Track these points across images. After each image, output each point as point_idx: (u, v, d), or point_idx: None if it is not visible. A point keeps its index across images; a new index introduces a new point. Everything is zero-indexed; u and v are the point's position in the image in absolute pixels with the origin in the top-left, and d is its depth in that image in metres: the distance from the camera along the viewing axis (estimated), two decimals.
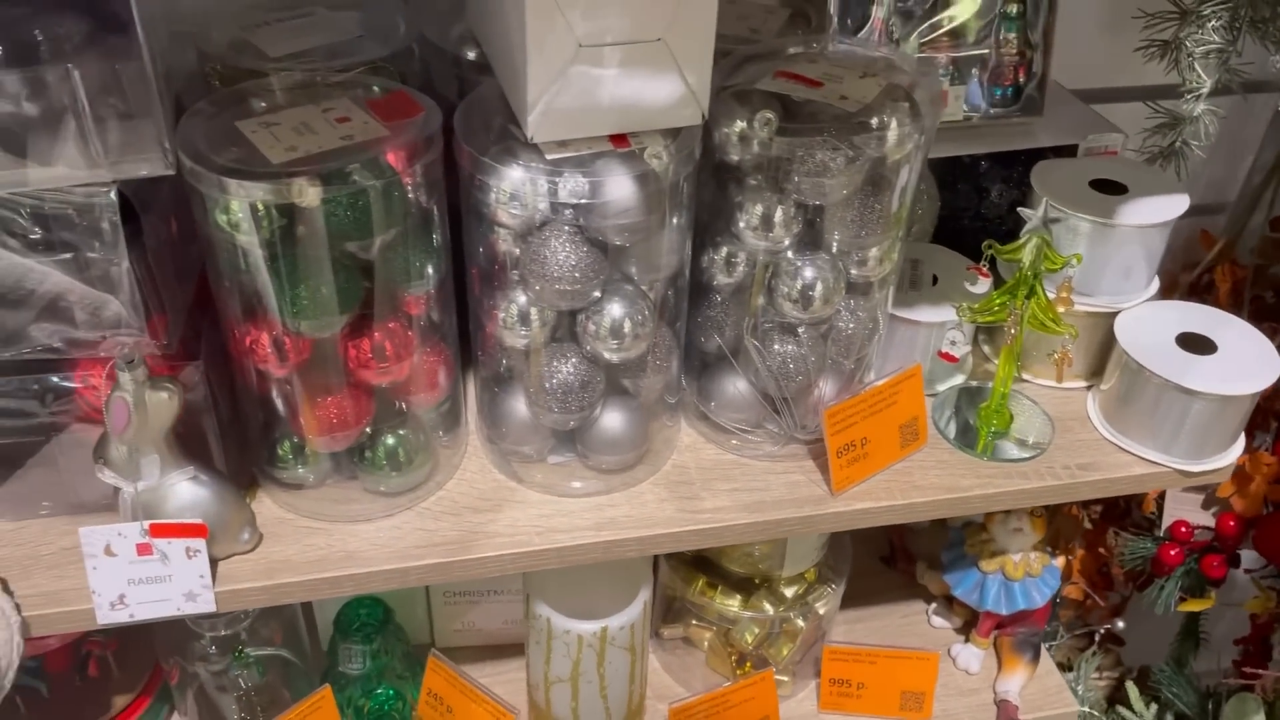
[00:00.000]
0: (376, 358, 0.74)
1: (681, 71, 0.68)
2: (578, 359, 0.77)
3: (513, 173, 0.69)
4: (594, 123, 0.69)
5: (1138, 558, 1.30)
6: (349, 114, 0.71)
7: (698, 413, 0.88)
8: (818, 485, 0.83)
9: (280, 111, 0.71)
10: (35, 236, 0.68)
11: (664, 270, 0.76)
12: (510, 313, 0.76)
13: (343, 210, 0.67)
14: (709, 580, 0.99)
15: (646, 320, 0.76)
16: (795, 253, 0.78)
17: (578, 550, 0.79)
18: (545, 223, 0.71)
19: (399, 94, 0.73)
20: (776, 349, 0.81)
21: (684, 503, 0.82)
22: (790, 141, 0.72)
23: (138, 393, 0.67)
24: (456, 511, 0.80)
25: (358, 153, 0.67)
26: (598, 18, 0.64)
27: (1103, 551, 1.45)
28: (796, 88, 0.74)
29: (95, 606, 0.71)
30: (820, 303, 0.78)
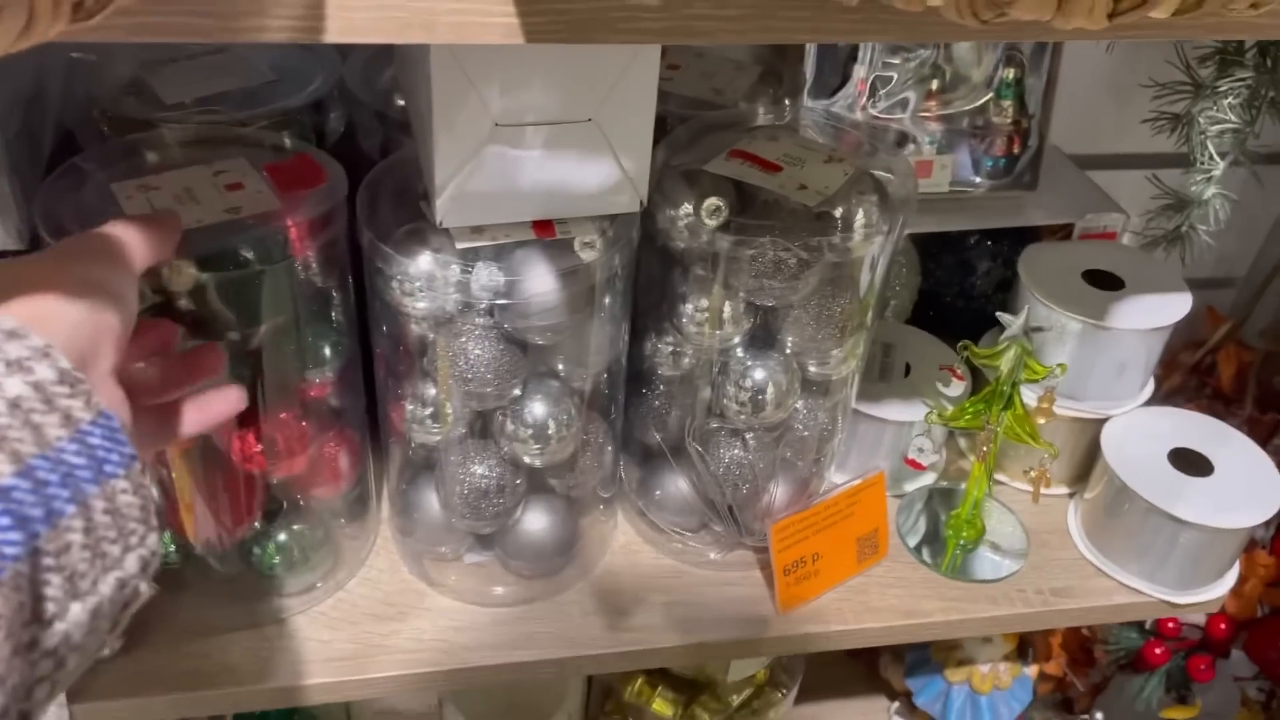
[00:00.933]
0: (266, 452, 0.66)
1: (616, 155, 0.59)
2: (495, 460, 0.68)
3: (419, 261, 0.60)
4: (513, 208, 0.60)
5: (1121, 649, 1.22)
6: (243, 179, 0.62)
7: (637, 509, 0.79)
8: (762, 602, 0.75)
9: (164, 173, 0.62)
10: None
11: (594, 366, 0.68)
12: (418, 407, 0.67)
13: (225, 296, 0.58)
14: (648, 680, 0.91)
15: (573, 420, 0.67)
16: (745, 350, 0.70)
17: (489, 671, 0.70)
18: (457, 314, 0.63)
19: (303, 157, 0.64)
20: (722, 454, 0.72)
21: (612, 618, 0.73)
22: (739, 240, 0.63)
23: None
24: (355, 619, 0.72)
25: (245, 228, 0.59)
26: (515, 95, 0.55)
27: (1085, 632, 1.37)
28: (752, 171, 0.66)
29: None
30: (772, 407, 0.70)
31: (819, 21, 0.45)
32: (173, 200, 0.60)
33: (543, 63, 0.55)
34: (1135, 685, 1.20)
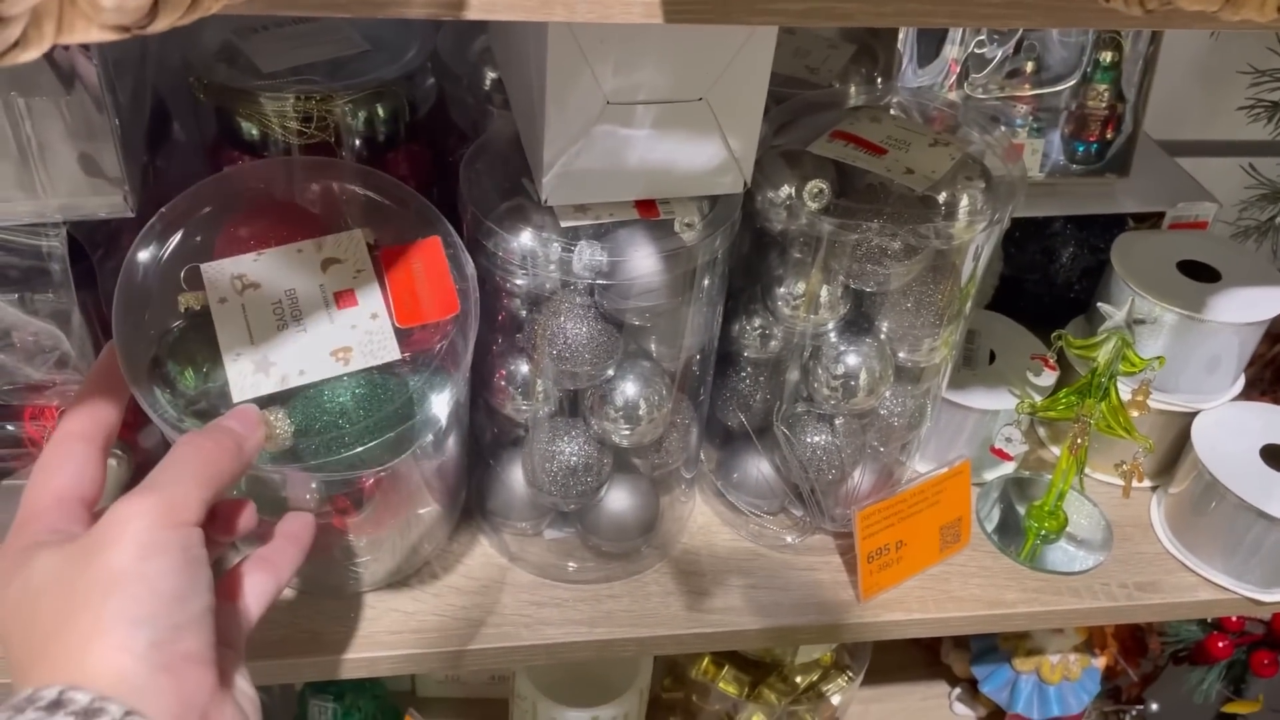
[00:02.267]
0: None
1: (724, 135, 0.58)
2: (584, 439, 0.68)
3: (520, 239, 0.60)
4: (619, 187, 0.59)
5: (1180, 641, 1.20)
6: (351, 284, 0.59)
7: (715, 489, 0.79)
8: (843, 588, 0.75)
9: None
10: None
11: (688, 349, 0.67)
12: (512, 383, 0.67)
13: None
14: (714, 659, 0.91)
15: (664, 402, 0.67)
16: (839, 335, 0.69)
17: (569, 648, 0.70)
18: (555, 293, 0.62)
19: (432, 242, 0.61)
20: (808, 439, 0.72)
21: (692, 599, 0.73)
22: (844, 223, 0.62)
23: None
24: (439, 592, 0.72)
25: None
26: (630, 73, 0.54)
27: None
28: (856, 154, 0.64)
29: None
30: (864, 394, 0.69)
31: (961, 5, 0.43)
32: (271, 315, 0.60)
33: (658, 41, 0.54)
34: (1194, 677, 1.19)
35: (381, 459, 0.55)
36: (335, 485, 0.61)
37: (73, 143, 0.55)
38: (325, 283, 0.57)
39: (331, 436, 0.54)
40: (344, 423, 0.54)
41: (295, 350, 0.55)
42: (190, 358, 0.54)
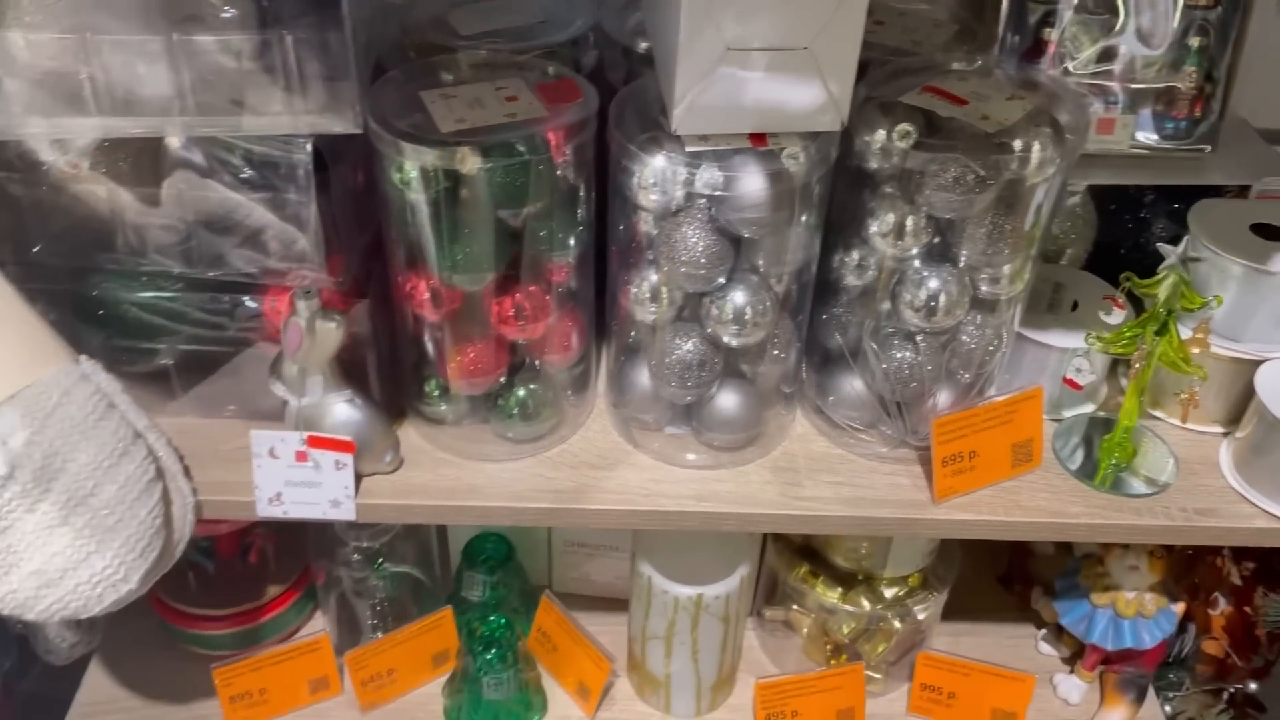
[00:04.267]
0: (516, 315, 0.82)
1: (824, 79, 0.71)
2: (699, 339, 0.82)
3: (655, 160, 0.74)
4: (735, 121, 0.73)
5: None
6: (518, 94, 0.78)
7: (814, 406, 0.91)
8: (920, 491, 0.86)
9: (459, 86, 0.79)
10: (244, 175, 0.79)
11: (790, 265, 0.80)
12: (642, 289, 0.82)
13: (498, 179, 0.74)
14: (811, 569, 1.03)
15: (767, 310, 0.80)
16: (923, 262, 0.80)
17: (679, 517, 0.84)
18: (680, 209, 0.76)
19: (566, 80, 0.80)
20: (895, 354, 0.83)
21: (786, 488, 0.86)
22: (925, 156, 0.74)
23: (310, 320, 0.77)
24: (574, 465, 0.87)
25: (518, 129, 0.75)
26: (748, 23, 0.69)
27: (1249, 611, 1.38)
28: (941, 104, 0.76)
29: (256, 500, 0.82)
30: (942, 314, 0.80)
31: None
32: (464, 105, 0.77)
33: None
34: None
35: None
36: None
37: (322, 74, 0.73)
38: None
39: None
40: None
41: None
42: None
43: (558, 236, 0.80)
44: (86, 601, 0.74)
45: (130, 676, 1.05)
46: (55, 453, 0.73)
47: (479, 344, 0.84)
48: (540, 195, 0.76)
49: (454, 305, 0.82)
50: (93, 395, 0.76)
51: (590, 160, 0.78)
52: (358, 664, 1.00)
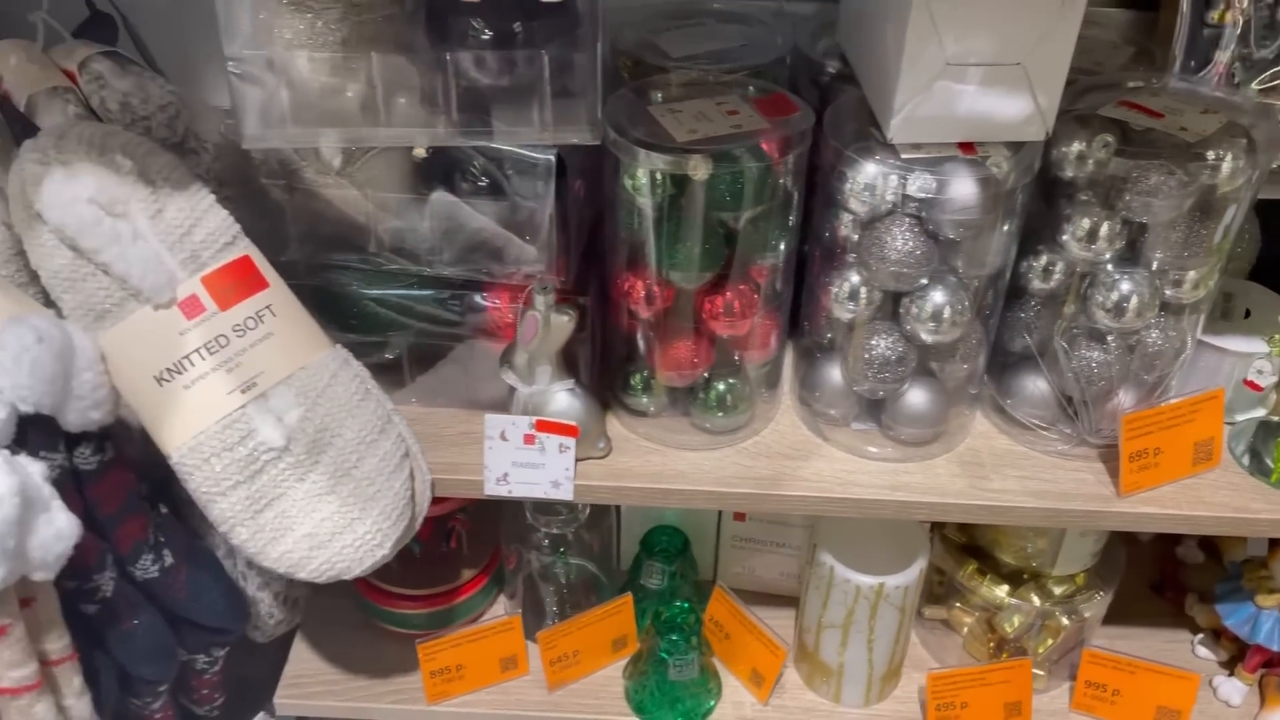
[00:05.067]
0: (725, 313, 0.88)
1: (1034, 92, 0.77)
2: (896, 336, 0.88)
3: (869, 167, 0.81)
4: (948, 130, 0.79)
5: None
6: (738, 108, 0.85)
7: (994, 405, 0.96)
8: (1104, 485, 0.90)
9: (681, 101, 0.86)
10: (482, 183, 0.87)
11: (987, 269, 0.85)
12: (843, 289, 0.87)
13: (725, 186, 0.81)
14: (979, 567, 1.07)
15: (965, 310, 0.85)
16: (1115, 266, 0.85)
17: (874, 505, 0.89)
18: (888, 213, 0.82)
19: (779, 95, 0.87)
20: (1084, 354, 0.88)
21: (974, 480, 0.90)
22: (1128, 163, 0.79)
23: (546, 313, 0.84)
24: (769, 455, 0.93)
25: (744, 139, 0.81)
26: (968, 40, 0.75)
27: None
28: (1138, 117, 0.82)
29: (484, 479, 0.89)
30: (1133, 315, 0.85)
31: None
32: (691, 118, 0.84)
33: (992, 14, 0.74)
34: None
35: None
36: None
37: (570, 90, 0.81)
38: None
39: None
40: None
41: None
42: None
43: (770, 240, 0.86)
44: (350, 564, 0.81)
45: (331, 652, 1.13)
46: (325, 428, 0.81)
47: (688, 339, 0.90)
48: (760, 200, 0.83)
49: (667, 303, 0.88)
50: (355, 378, 0.84)
51: (804, 168, 0.85)
52: (548, 643, 1.06)
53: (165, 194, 0.76)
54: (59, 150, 0.73)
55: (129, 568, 0.85)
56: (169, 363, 0.77)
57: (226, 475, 0.78)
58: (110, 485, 0.81)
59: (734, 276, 0.87)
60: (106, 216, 0.74)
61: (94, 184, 0.73)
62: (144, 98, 0.84)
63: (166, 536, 0.87)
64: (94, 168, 0.74)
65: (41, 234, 0.74)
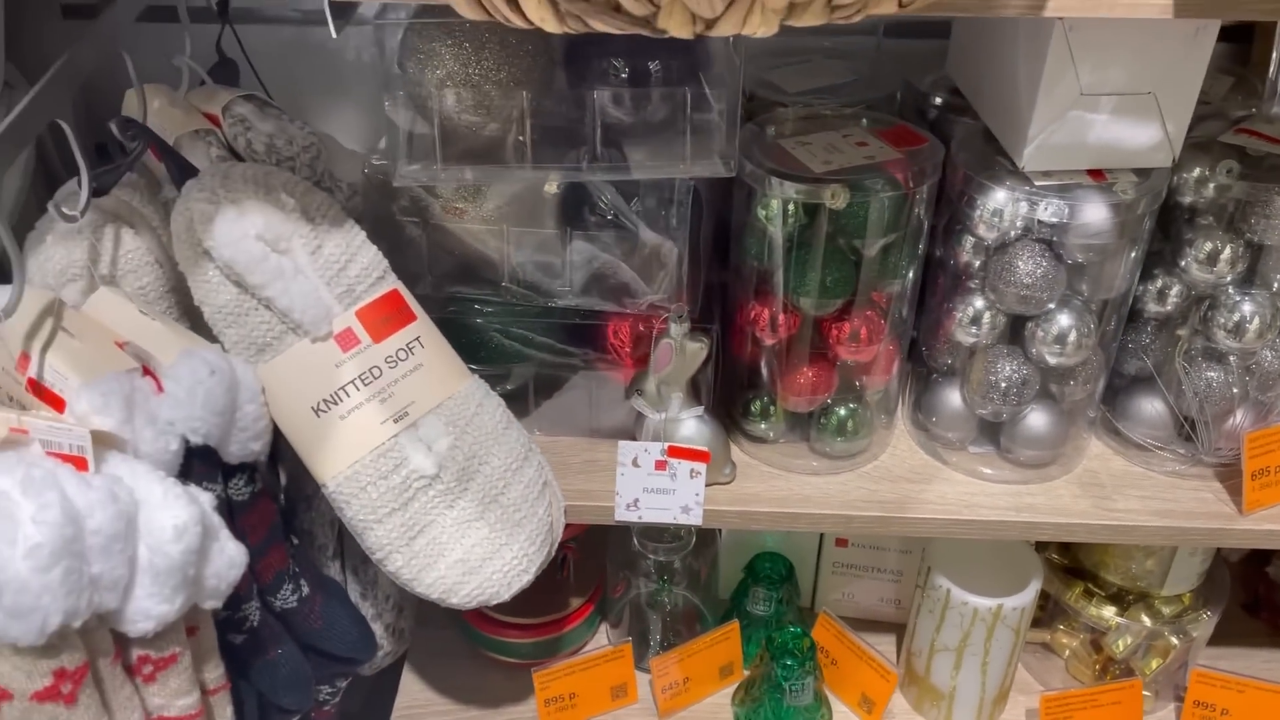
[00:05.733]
0: (851, 338, 0.90)
1: (1164, 121, 0.80)
2: (1020, 359, 0.89)
3: (1000, 193, 0.83)
4: (1080, 158, 0.82)
5: None
6: (866, 140, 0.87)
7: (1107, 427, 0.98)
8: (1225, 504, 0.91)
9: (810, 134, 0.89)
10: (610, 216, 0.89)
11: (1113, 292, 0.87)
12: (967, 314, 0.89)
13: (861, 214, 0.83)
14: (1086, 589, 1.08)
15: (1090, 333, 0.87)
16: (1236, 287, 0.87)
17: (1000, 526, 0.91)
18: (1017, 238, 0.84)
19: (902, 127, 0.89)
20: (1204, 374, 0.90)
21: (1096, 501, 0.92)
22: (1252, 186, 0.82)
23: (681, 341, 0.86)
24: (892, 479, 0.94)
25: (878, 170, 0.84)
26: (1102, 71, 0.77)
27: None
28: (1256, 143, 0.84)
29: (615, 505, 0.91)
30: (1254, 335, 0.87)
31: None
32: (823, 150, 0.86)
33: (1127, 45, 0.76)
34: None
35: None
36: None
37: (707, 125, 0.83)
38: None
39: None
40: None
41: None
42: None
43: (899, 267, 0.88)
44: (499, 589, 0.82)
45: (441, 683, 1.14)
46: (473, 456, 0.82)
47: (811, 366, 0.92)
48: (893, 229, 0.85)
49: (792, 330, 0.90)
50: (499, 407, 0.85)
51: (934, 196, 0.87)
52: (660, 670, 1.07)
53: (324, 230, 0.79)
54: (227, 189, 0.75)
55: (269, 597, 0.86)
56: (326, 394, 0.79)
57: (382, 503, 0.79)
58: (258, 515, 0.83)
59: (860, 303, 0.89)
60: (272, 253, 0.76)
61: (261, 221, 0.75)
62: (288, 139, 0.87)
63: (301, 567, 0.89)
64: (260, 205, 0.76)
65: (208, 270, 0.76)
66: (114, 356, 0.74)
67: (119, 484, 0.66)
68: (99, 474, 0.67)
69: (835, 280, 0.87)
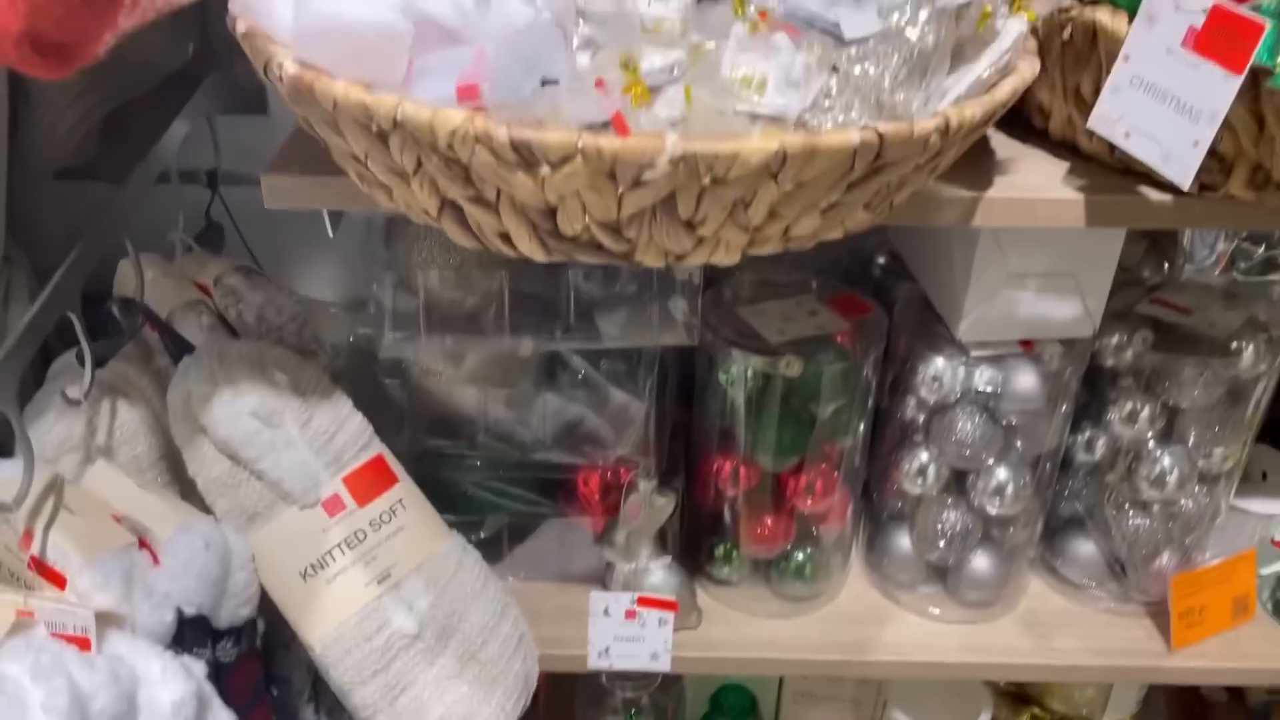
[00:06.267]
0: (807, 491, 0.96)
1: (1084, 298, 0.88)
2: (963, 509, 0.96)
3: (939, 361, 0.91)
4: (1010, 331, 0.90)
5: None
6: (816, 309, 0.95)
7: (1047, 566, 1.04)
8: (1156, 641, 0.98)
9: (765, 302, 0.96)
10: (581, 375, 0.95)
11: (1045, 447, 0.95)
12: (913, 466, 0.96)
13: (814, 382, 0.90)
14: (1035, 714, 1.13)
15: (1027, 485, 0.94)
16: (1155, 443, 0.95)
17: (950, 668, 0.96)
18: (956, 400, 0.92)
19: (849, 295, 0.97)
20: (1131, 520, 0.97)
21: (1040, 640, 0.98)
22: (1165, 356, 0.90)
23: (649, 496, 0.92)
24: (849, 621, 1.00)
25: (827, 340, 0.91)
26: (1027, 257, 0.86)
27: None
28: (1169, 313, 0.93)
29: (588, 654, 0.95)
30: (1174, 487, 0.94)
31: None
32: (777, 317, 0.93)
33: (1048, 235, 0.85)
34: None
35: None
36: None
37: (675, 301, 0.90)
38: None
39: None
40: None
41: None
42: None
43: (849, 425, 0.95)
44: None
45: None
46: (453, 613, 0.86)
47: (771, 515, 0.98)
48: (843, 394, 0.92)
49: (753, 482, 0.96)
50: (477, 563, 0.90)
51: (880, 361, 0.94)
52: None
53: (314, 403, 0.83)
54: (223, 369, 0.80)
55: None
56: (313, 558, 0.83)
57: (366, 665, 0.83)
58: (243, 675, 0.85)
59: (815, 457, 0.95)
60: (265, 428, 0.80)
61: (256, 399, 0.80)
62: (276, 309, 0.92)
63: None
64: (254, 384, 0.81)
65: (204, 446, 0.80)
66: (112, 531, 0.78)
67: (120, 663, 0.69)
68: (101, 654, 0.70)
69: (791, 439, 0.93)
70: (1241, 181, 0.68)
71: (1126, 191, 0.72)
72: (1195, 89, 0.60)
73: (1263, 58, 0.58)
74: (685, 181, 0.53)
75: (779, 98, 0.55)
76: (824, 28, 0.58)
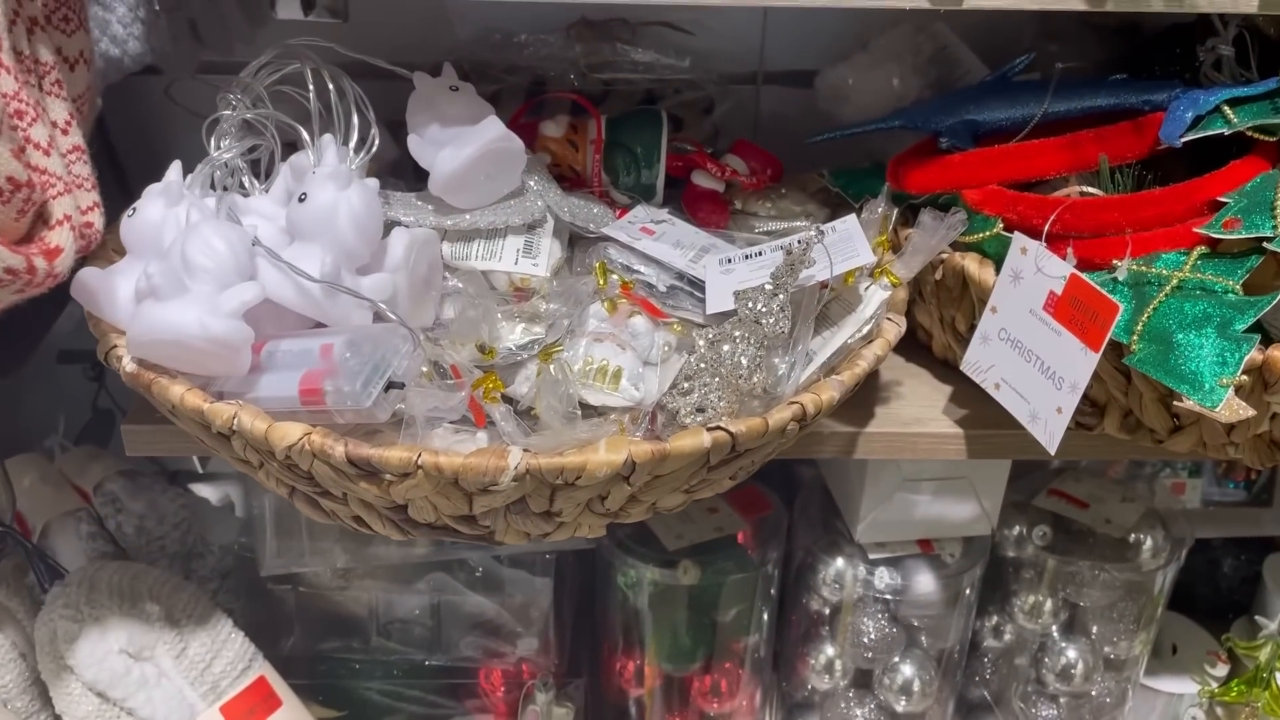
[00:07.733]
0: (713, 692, 0.94)
1: (980, 498, 0.88)
2: (872, 706, 0.94)
3: (839, 562, 0.89)
4: (907, 531, 0.89)
5: None
6: (715, 505, 0.93)
7: None
8: None
9: None
10: (478, 574, 0.93)
11: (949, 642, 0.94)
12: (819, 661, 0.95)
13: (714, 589, 0.89)
14: None
15: (933, 680, 0.93)
16: (1060, 634, 0.94)
17: None
18: (858, 600, 0.91)
19: (750, 489, 0.96)
20: (1040, 713, 0.96)
21: None
22: (1061, 559, 0.90)
23: (547, 707, 0.89)
24: None
25: (726, 543, 0.90)
26: (922, 462, 0.85)
27: None
28: (1067, 507, 0.93)
29: None
30: (1080, 679, 0.94)
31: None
32: (675, 519, 0.92)
33: None
34: None
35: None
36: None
37: None
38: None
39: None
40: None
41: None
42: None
43: (753, 622, 0.93)
44: None
45: None
46: None
47: (679, 714, 0.95)
48: (745, 598, 0.90)
49: (656, 682, 0.94)
50: None
51: (780, 558, 0.93)
52: None
53: (189, 631, 0.80)
54: (91, 605, 0.77)
55: None
56: None
57: None
58: None
59: (720, 656, 0.94)
60: (135, 664, 0.77)
61: (125, 636, 0.77)
62: (159, 518, 0.89)
63: None
64: (124, 619, 0.77)
65: (70, 684, 0.77)
66: None
67: None
68: None
69: (693, 642, 0.92)
70: (1115, 423, 0.68)
71: (1007, 425, 0.72)
72: (1058, 355, 0.60)
73: (1120, 335, 0.58)
74: (535, 488, 0.52)
75: (634, 389, 0.54)
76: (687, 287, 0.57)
